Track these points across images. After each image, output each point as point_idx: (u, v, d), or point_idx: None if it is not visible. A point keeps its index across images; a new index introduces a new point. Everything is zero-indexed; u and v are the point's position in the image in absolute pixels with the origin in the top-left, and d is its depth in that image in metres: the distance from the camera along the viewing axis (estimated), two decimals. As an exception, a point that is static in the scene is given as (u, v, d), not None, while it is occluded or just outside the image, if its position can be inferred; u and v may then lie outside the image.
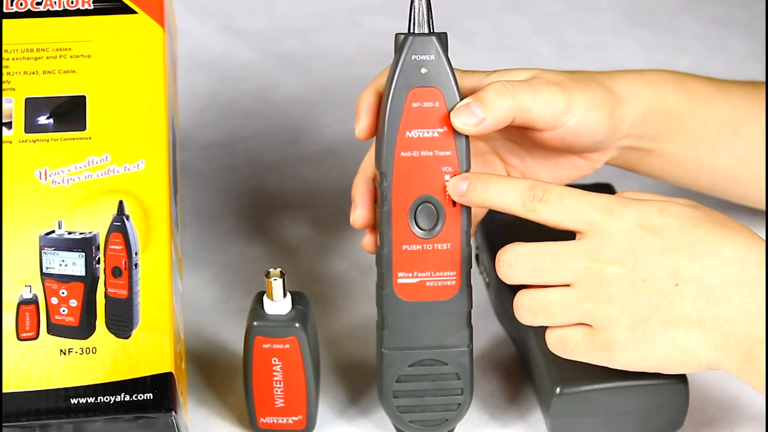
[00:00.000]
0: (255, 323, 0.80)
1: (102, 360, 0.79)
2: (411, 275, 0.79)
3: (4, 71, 0.85)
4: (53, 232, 0.81)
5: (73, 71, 0.85)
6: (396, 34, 0.77)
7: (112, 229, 0.82)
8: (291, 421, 0.84)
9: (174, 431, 0.80)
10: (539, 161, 0.87)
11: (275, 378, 0.82)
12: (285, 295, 0.80)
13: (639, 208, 0.76)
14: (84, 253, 0.81)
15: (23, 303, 0.80)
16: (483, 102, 0.78)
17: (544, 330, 0.79)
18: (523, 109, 0.79)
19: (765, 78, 1.16)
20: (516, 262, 0.77)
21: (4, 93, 0.84)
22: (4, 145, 0.83)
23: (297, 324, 0.80)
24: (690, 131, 0.89)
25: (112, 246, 0.81)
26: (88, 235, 0.81)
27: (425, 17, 0.77)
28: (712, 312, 0.74)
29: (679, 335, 0.75)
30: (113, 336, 0.80)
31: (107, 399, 0.78)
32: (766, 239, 0.76)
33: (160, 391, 0.79)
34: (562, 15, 1.37)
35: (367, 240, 0.82)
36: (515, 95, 0.79)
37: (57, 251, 0.81)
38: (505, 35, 1.34)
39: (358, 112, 0.80)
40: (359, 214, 0.82)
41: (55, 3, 0.87)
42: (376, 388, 0.83)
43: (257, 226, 1.06)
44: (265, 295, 0.81)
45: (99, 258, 0.81)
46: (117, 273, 0.81)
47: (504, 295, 0.90)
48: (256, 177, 1.12)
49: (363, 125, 0.80)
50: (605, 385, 0.81)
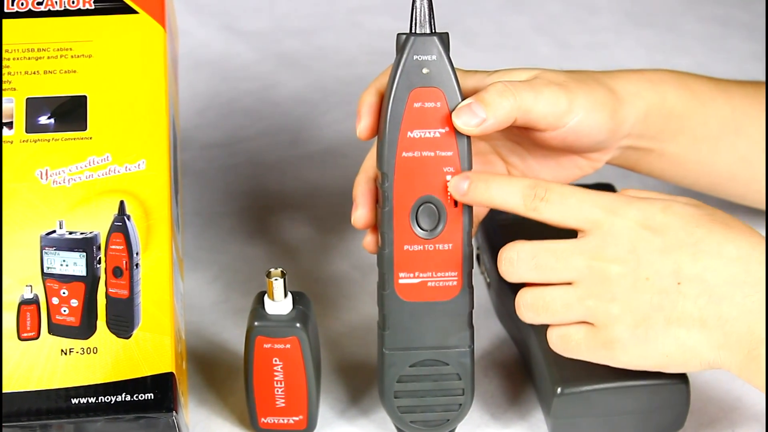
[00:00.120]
0: (256, 323, 0.80)
1: (103, 360, 0.79)
2: (412, 275, 0.79)
3: (5, 71, 0.85)
4: (54, 232, 0.81)
5: (74, 71, 0.85)
6: (398, 34, 0.77)
7: (113, 229, 0.82)
8: (292, 421, 0.83)
9: (175, 431, 0.79)
10: (540, 161, 0.87)
11: (276, 378, 0.82)
12: (286, 295, 0.80)
13: (641, 206, 0.76)
14: (85, 253, 0.81)
15: (24, 303, 0.80)
16: (485, 102, 0.77)
17: (545, 330, 0.79)
18: (525, 110, 0.79)
19: (765, 78, 1.16)
20: (518, 260, 0.77)
21: (5, 93, 0.84)
22: (5, 145, 0.83)
23: (298, 324, 0.80)
24: (691, 131, 0.89)
25: (113, 246, 0.81)
26: (89, 235, 0.81)
27: (427, 17, 0.77)
28: (714, 311, 0.74)
29: (681, 334, 0.75)
30: (114, 336, 0.80)
31: (108, 399, 0.78)
32: (766, 239, 0.76)
33: (160, 391, 0.78)
34: (562, 15, 1.37)
35: (369, 240, 0.82)
36: (517, 95, 0.79)
37: (58, 251, 0.81)
38: (507, 35, 1.34)
39: (359, 112, 0.80)
40: (360, 214, 0.81)
41: (56, 3, 0.87)
42: (377, 388, 0.83)
43: (258, 226, 1.06)
44: (266, 295, 0.81)
45: (100, 258, 0.81)
46: (118, 273, 0.81)
47: (505, 295, 0.90)
48: (256, 177, 1.12)
49: (364, 125, 0.80)
50: (606, 385, 0.81)
